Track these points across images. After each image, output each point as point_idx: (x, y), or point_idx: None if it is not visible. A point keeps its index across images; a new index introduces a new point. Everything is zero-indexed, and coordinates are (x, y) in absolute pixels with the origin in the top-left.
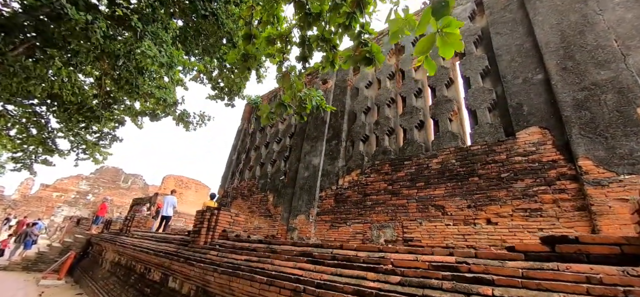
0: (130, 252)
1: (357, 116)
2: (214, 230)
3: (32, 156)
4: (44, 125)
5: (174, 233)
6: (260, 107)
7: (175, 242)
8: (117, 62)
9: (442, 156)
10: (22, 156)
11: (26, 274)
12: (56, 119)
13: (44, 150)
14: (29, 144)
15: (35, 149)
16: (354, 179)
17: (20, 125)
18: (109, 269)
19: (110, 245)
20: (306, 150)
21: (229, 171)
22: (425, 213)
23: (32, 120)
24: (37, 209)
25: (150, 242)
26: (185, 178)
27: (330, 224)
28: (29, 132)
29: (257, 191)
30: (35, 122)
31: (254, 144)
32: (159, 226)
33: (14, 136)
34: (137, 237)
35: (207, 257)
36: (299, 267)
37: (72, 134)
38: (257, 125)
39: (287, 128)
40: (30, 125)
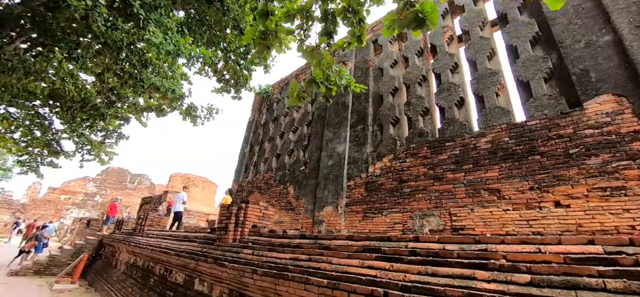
0: (148, 253)
1: (384, 98)
2: (243, 225)
3: (38, 158)
4: (48, 126)
5: (193, 230)
6: (290, 86)
7: (198, 240)
8: (119, 55)
9: (492, 134)
10: (27, 159)
11: (39, 278)
12: (59, 119)
13: (49, 152)
14: (34, 146)
15: (40, 152)
16: (386, 166)
17: (23, 127)
18: (125, 271)
19: (124, 246)
20: (328, 137)
21: (241, 165)
22: (476, 198)
23: (35, 122)
24: (46, 212)
25: (170, 242)
26: (192, 176)
27: (362, 214)
28: (33, 134)
29: (276, 184)
30: (39, 124)
31: (268, 135)
32: (172, 224)
33: (19, 139)
34: (153, 236)
35: (241, 256)
36: (367, 266)
37: (77, 134)
38: (269, 115)
39: (303, 116)
40: (34, 128)
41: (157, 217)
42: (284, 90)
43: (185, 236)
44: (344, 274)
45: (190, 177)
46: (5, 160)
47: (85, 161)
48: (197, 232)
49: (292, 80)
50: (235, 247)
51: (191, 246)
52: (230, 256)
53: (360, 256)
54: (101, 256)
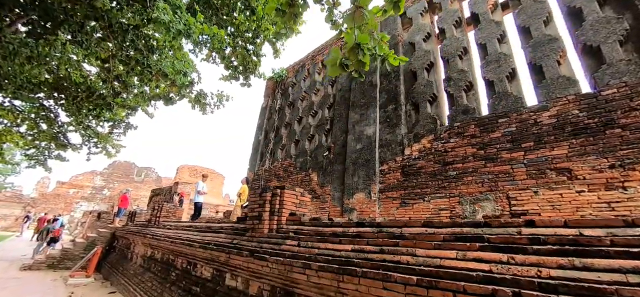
0: (167, 245)
1: (418, 75)
2: (280, 214)
3: (45, 151)
4: (54, 119)
5: (216, 221)
6: (331, 53)
7: (225, 231)
8: (124, 39)
9: (556, 107)
10: (35, 153)
11: (53, 272)
12: (65, 111)
13: (56, 145)
14: (41, 139)
15: (47, 145)
16: (426, 147)
17: (29, 120)
18: (142, 264)
19: (140, 238)
20: (354, 119)
21: (256, 153)
22: (541, 179)
23: (41, 115)
24: (55, 206)
25: (191, 234)
26: (199, 167)
27: (399, 201)
28: (39, 127)
29: (296, 171)
30: (45, 117)
31: (284, 121)
32: (193, 215)
33: (25, 133)
34: (171, 228)
35: (284, 248)
36: (473, 259)
37: (83, 127)
38: (285, 100)
39: (323, 99)
40: (40, 121)
41: (173, 208)
42: (299, 73)
43: (209, 227)
44: (439, 269)
45: (198, 169)
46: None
47: (92, 153)
48: (221, 222)
49: (322, 56)
50: (273, 238)
51: (218, 238)
52: (269, 248)
53: (454, 245)
54: (115, 248)
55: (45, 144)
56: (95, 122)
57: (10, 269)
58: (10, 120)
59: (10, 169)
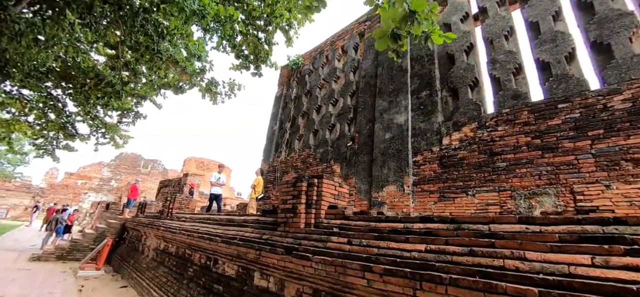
0: (183, 238)
1: (456, 58)
2: (318, 206)
3: (53, 141)
4: (62, 109)
5: (238, 214)
6: (382, 20)
7: (251, 225)
8: (134, 24)
9: (631, 90)
10: (43, 142)
11: (62, 264)
12: (73, 101)
13: (64, 135)
14: (49, 129)
15: (55, 135)
16: (468, 136)
17: (37, 110)
18: (154, 258)
19: (152, 230)
20: (382, 107)
21: (271, 143)
22: (614, 171)
23: (49, 104)
24: (64, 196)
25: (211, 227)
26: (206, 160)
27: (438, 195)
28: (47, 117)
29: (316, 162)
30: (53, 106)
31: (301, 110)
32: (209, 208)
33: (33, 122)
34: (186, 220)
35: (330, 246)
36: (621, 266)
37: (91, 117)
38: (302, 88)
39: (344, 86)
40: (48, 110)
41: (186, 199)
42: (317, 60)
43: (231, 220)
44: (571, 280)
45: (205, 162)
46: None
47: (100, 144)
48: (244, 215)
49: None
50: (313, 233)
51: (243, 232)
52: (311, 245)
53: (581, 248)
54: (124, 240)
55: (53, 133)
56: (103, 111)
57: (19, 259)
58: (17, 108)
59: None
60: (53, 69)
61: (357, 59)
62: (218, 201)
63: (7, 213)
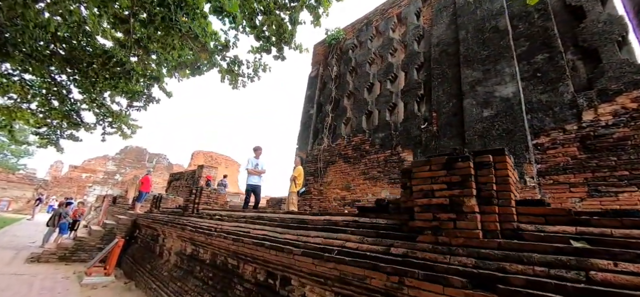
0: (223, 242)
1: (587, 9)
2: (505, 201)
3: (57, 131)
4: (66, 96)
5: (321, 213)
6: None
7: (352, 229)
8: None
9: None
10: (46, 131)
11: (65, 266)
12: (78, 88)
13: (68, 124)
14: (53, 117)
15: (59, 124)
16: (627, 108)
17: (40, 97)
18: (178, 264)
19: (173, 230)
20: (473, 78)
21: (307, 130)
22: None
23: (52, 90)
24: (68, 189)
25: (273, 229)
26: (214, 154)
27: (585, 187)
28: (50, 104)
29: (375, 149)
30: (56, 93)
31: (346, 90)
32: (246, 201)
33: (36, 110)
34: (225, 219)
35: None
36: None
37: (97, 105)
38: (345, 66)
39: (407, 59)
40: (52, 97)
41: (214, 192)
42: (363, 33)
43: (302, 220)
44: None
45: (213, 156)
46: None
47: (106, 134)
48: (337, 215)
49: (398, 8)
50: (508, 248)
51: (343, 241)
52: (519, 271)
53: None
54: (136, 239)
55: (57, 122)
56: (111, 94)
57: (16, 260)
58: (17, 92)
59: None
60: (56, 51)
61: (421, 27)
62: (256, 194)
63: (9, 206)
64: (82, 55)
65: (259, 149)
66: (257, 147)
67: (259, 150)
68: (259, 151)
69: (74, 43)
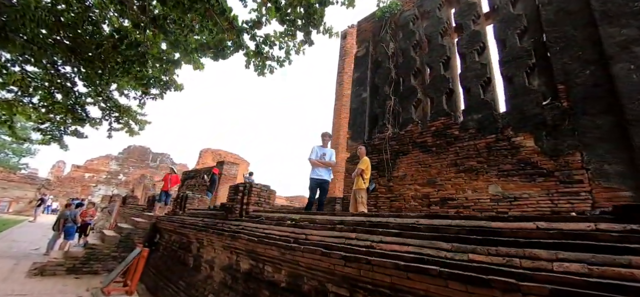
0: (312, 260)
1: None
2: None
3: (61, 126)
4: (71, 88)
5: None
6: None
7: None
8: None
9: None
10: (49, 127)
11: (75, 280)
12: (83, 81)
13: (73, 119)
14: (56, 112)
15: (63, 119)
16: None
17: (43, 90)
18: (229, 284)
19: (216, 238)
20: (623, 37)
21: (362, 117)
22: None
23: (56, 83)
24: (71, 189)
25: (416, 244)
26: (222, 151)
27: None
28: (54, 98)
29: (468, 134)
30: (60, 86)
31: (412, 67)
32: (309, 202)
33: (38, 104)
34: (303, 225)
35: None
36: None
37: (103, 98)
38: (405, 41)
39: (504, 23)
40: (55, 90)
41: (266, 190)
42: (426, 1)
43: (461, 226)
44: None
45: (221, 154)
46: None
47: (113, 129)
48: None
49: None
50: None
51: None
52: None
53: None
54: (158, 246)
55: (60, 117)
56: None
57: (16, 272)
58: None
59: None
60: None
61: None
62: (322, 192)
63: (10, 207)
64: (88, 42)
65: (327, 136)
66: (324, 133)
67: (327, 137)
68: (327, 138)
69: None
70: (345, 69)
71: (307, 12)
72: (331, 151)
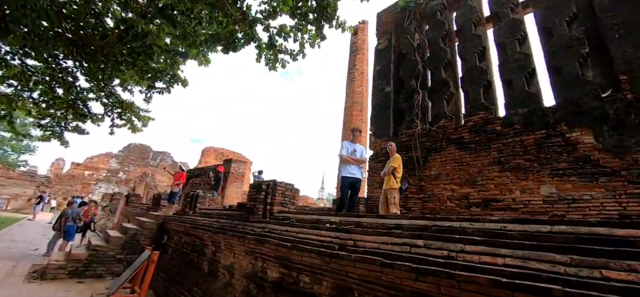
0: (369, 271)
1: None
2: None
3: (61, 122)
4: (72, 83)
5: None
6: None
7: None
8: None
9: None
10: (49, 122)
11: (77, 285)
12: (85, 75)
13: (74, 115)
14: (56, 107)
15: (63, 114)
16: None
17: (43, 84)
18: (254, 294)
19: (236, 241)
20: None
21: (386, 111)
22: None
23: (57, 77)
24: (71, 187)
25: (520, 255)
26: (225, 150)
27: None
28: (54, 92)
29: (513, 130)
30: (61, 80)
31: (442, 59)
32: (341, 202)
33: (38, 99)
34: (346, 228)
35: None
36: None
37: (105, 93)
38: (433, 32)
39: (551, 10)
40: (56, 85)
41: (291, 189)
42: None
43: (573, 234)
44: None
45: (224, 152)
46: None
47: (115, 126)
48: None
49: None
50: None
51: None
52: None
53: None
54: (166, 247)
55: (61, 113)
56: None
57: (13, 277)
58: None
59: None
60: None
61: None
62: (354, 191)
63: (8, 204)
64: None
65: (357, 132)
66: (355, 128)
67: (357, 132)
68: (357, 133)
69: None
70: (356, 66)
71: (320, 5)
72: (362, 147)
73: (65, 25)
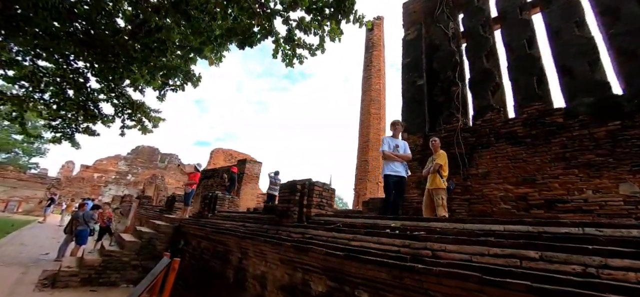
0: (460, 290)
1: None
2: None
3: (72, 123)
4: (83, 84)
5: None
6: None
7: None
8: None
9: None
10: (60, 124)
11: (90, 293)
12: (95, 76)
13: (85, 116)
14: (67, 109)
15: (74, 116)
16: None
17: (54, 85)
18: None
19: (269, 248)
20: None
21: (420, 106)
22: None
23: (68, 78)
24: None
25: None
26: (235, 151)
27: None
28: (65, 94)
29: (578, 122)
30: (72, 81)
31: (484, 48)
32: (385, 203)
33: (49, 100)
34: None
35: None
36: None
37: (116, 94)
38: (472, 20)
39: None
40: (67, 86)
41: (327, 190)
42: None
43: None
44: None
45: (234, 154)
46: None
47: (126, 127)
48: None
49: None
50: None
51: None
52: None
53: None
54: (182, 252)
55: (72, 114)
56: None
57: (23, 284)
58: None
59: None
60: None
61: None
62: (399, 191)
63: (19, 206)
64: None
65: (398, 124)
66: (395, 121)
67: (398, 125)
68: (399, 127)
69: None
70: (372, 62)
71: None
72: (404, 142)
73: (76, 25)
